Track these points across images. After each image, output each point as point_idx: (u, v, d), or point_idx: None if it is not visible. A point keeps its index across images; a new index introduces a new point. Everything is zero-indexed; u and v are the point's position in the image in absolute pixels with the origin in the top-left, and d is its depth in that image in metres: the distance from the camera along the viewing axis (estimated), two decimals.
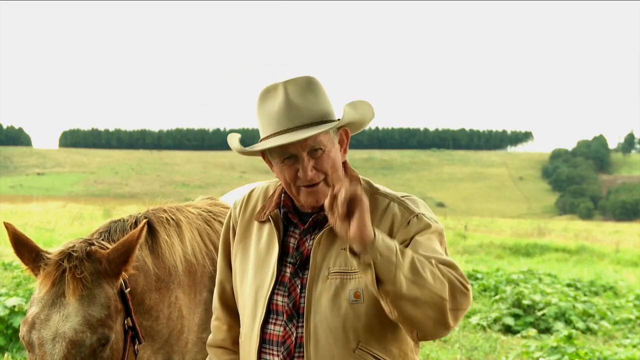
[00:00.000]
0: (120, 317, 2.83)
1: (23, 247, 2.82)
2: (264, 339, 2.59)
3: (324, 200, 2.52)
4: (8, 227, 2.80)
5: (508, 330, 11.14)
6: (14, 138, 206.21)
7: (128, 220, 3.21)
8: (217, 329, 2.87)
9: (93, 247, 2.87)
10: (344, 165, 2.67)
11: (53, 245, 3.07)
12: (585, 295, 13.96)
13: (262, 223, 2.70)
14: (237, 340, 2.77)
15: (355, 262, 2.27)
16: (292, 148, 2.51)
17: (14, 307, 7.74)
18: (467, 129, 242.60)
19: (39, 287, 2.77)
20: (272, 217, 2.66)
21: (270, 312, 2.59)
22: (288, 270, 2.60)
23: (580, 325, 11.14)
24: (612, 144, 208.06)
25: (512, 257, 24.06)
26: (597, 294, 15.20)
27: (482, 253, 24.33)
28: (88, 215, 30.27)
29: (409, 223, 2.53)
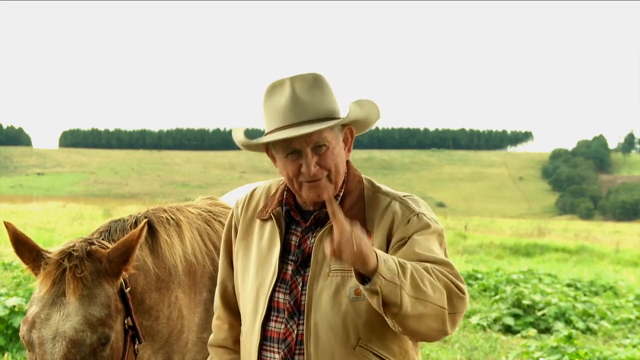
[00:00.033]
0: (121, 316, 2.83)
1: (23, 246, 2.82)
2: (265, 337, 2.59)
3: (326, 195, 2.52)
4: (8, 226, 2.80)
5: (508, 330, 11.14)
6: (14, 138, 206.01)
7: (128, 220, 3.21)
8: (218, 329, 2.87)
9: (93, 246, 2.88)
10: (347, 165, 2.67)
11: (53, 245, 3.07)
12: (585, 295, 13.95)
13: (264, 221, 2.70)
14: (238, 340, 2.77)
15: (361, 287, 2.26)
16: (296, 143, 2.51)
17: (14, 307, 7.73)
18: (467, 129, 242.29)
19: (39, 286, 2.77)
20: (274, 214, 2.66)
21: (272, 309, 2.59)
22: (290, 268, 2.60)
23: (580, 325, 11.13)
24: (612, 144, 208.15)
25: (512, 257, 24.06)
26: (597, 294, 15.20)
27: (482, 253, 24.34)
28: (88, 215, 30.26)
29: (409, 221, 2.53)
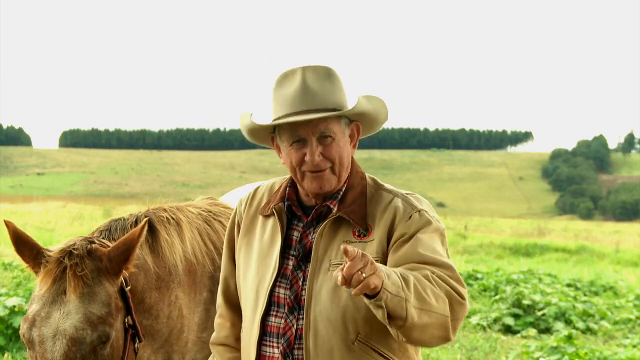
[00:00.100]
0: (121, 315, 2.83)
1: (23, 245, 2.82)
2: (265, 331, 2.59)
3: (328, 188, 2.53)
4: (8, 225, 2.80)
5: (508, 330, 11.14)
6: (14, 138, 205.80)
7: (128, 219, 3.20)
8: (220, 326, 2.87)
9: (94, 245, 2.88)
10: (351, 161, 2.66)
11: (53, 245, 3.07)
12: (585, 295, 13.95)
13: (266, 217, 2.70)
14: (239, 337, 2.76)
15: (366, 301, 2.26)
16: (302, 131, 2.51)
17: (14, 307, 7.72)
18: (467, 129, 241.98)
19: (40, 284, 2.77)
20: (276, 210, 2.66)
21: (272, 304, 2.59)
22: (290, 263, 2.60)
23: (580, 325, 11.13)
24: (612, 144, 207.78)
25: (512, 257, 24.06)
26: (597, 294, 15.19)
27: (482, 253, 24.34)
28: (88, 215, 30.27)
29: (410, 217, 2.53)
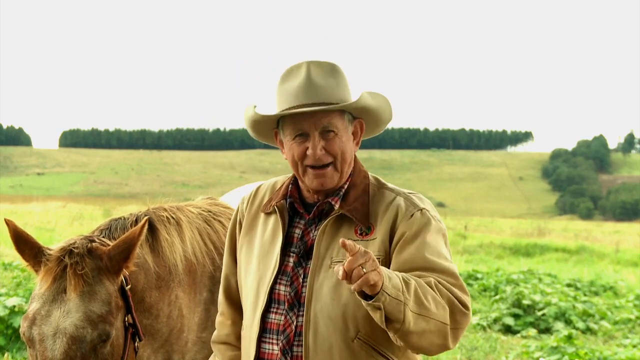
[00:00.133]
0: (121, 313, 2.83)
1: (24, 243, 2.82)
2: (265, 328, 2.59)
3: (330, 185, 2.53)
4: (9, 223, 2.81)
5: (508, 330, 11.13)
6: (14, 138, 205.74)
7: (129, 219, 3.21)
8: (221, 325, 2.86)
9: (94, 243, 2.88)
10: (354, 159, 2.66)
11: (53, 244, 3.07)
12: (585, 295, 13.95)
13: (268, 215, 2.70)
14: (240, 336, 2.75)
15: (364, 303, 2.26)
16: (304, 125, 2.52)
17: (14, 307, 7.72)
18: (467, 129, 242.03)
19: (40, 283, 2.77)
20: (277, 207, 2.66)
21: (272, 301, 2.58)
22: (291, 260, 2.60)
23: (580, 325, 11.12)
24: (612, 144, 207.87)
25: (512, 257, 24.07)
26: (597, 294, 15.19)
27: (482, 253, 24.35)
28: (88, 215, 30.26)
29: (412, 216, 2.53)
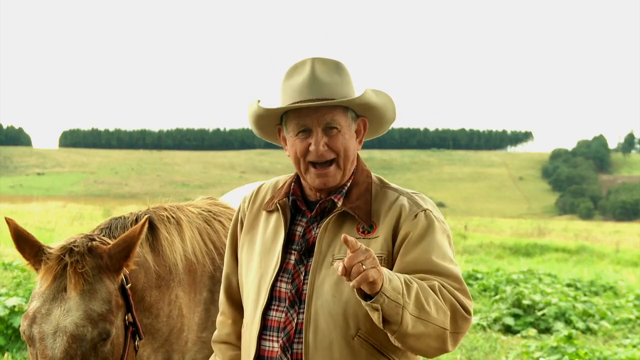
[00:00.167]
0: (121, 312, 2.83)
1: (24, 242, 2.82)
2: (265, 326, 2.58)
3: (333, 183, 2.53)
4: (9, 222, 2.81)
5: (508, 330, 11.13)
6: (14, 138, 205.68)
7: (129, 218, 3.21)
8: (222, 324, 2.86)
9: (94, 242, 2.88)
10: (357, 158, 2.66)
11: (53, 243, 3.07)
12: (585, 295, 13.95)
13: (269, 213, 2.70)
14: (241, 335, 2.74)
15: (363, 303, 2.26)
16: (308, 121, 2.52)
17: (14, 307, 7.72)
18: (467, 129, 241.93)
19: (40, 281, 2.77)
20: (280, 205, 2.65)
21: (273, 298, 2.58)
22: (293, 258, 2.59)
23: (580, 325, 11.12)
24: (612, 144, 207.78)
25: (512, 257, 24.08)
26: (597, 294, 15.20)
27: (482, 253, 24.36)
28: (88, 215, 30.26)
29: (417, 216, 2.53)
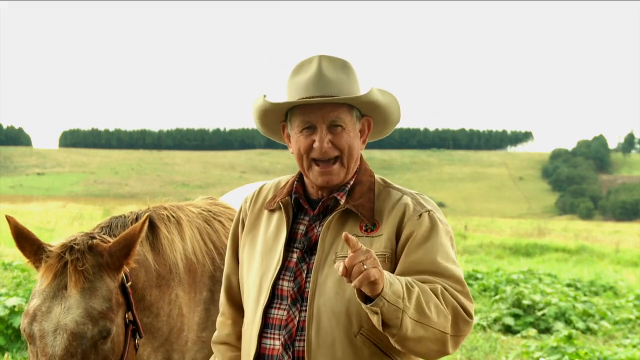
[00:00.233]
0: (122, 310, 2.83)
1: (25, 240, 2.82)
2: (267, 324, 2.57)
3: (336, 181, 2.53)
4: (10, 220, 2.81)
5: (508, 330, 11.13)
6: (14, 138, 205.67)
7: (129, 217, 3.21)
8: (222, 325, 2.85)
9: (95, 240, 2.88)
10: (360, 158, 2.66)
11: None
12: (585, 295, 13.95)
13: (271, 212, 2.70)
14: (241, 336, 2.73)
15: (363, 306, 2.26)
16: (312, 117, 2.52)
17: (14, 307, 7.72)
18: (467, 129, 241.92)
19: (41, 279, 2.77)
20: (282, 203, 2.65)
21: (275, 297, 2.57)
22: (295, 256, 2.58)
23: (580, 325, 11.12)
24: (612, 144, 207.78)
25: (512, 257, 24.09)
26: (597, 294, 15.19)
27: (482, 253, 24.36)
28: (88, 215, 30.26)
29: (420, 216, 2.53)
